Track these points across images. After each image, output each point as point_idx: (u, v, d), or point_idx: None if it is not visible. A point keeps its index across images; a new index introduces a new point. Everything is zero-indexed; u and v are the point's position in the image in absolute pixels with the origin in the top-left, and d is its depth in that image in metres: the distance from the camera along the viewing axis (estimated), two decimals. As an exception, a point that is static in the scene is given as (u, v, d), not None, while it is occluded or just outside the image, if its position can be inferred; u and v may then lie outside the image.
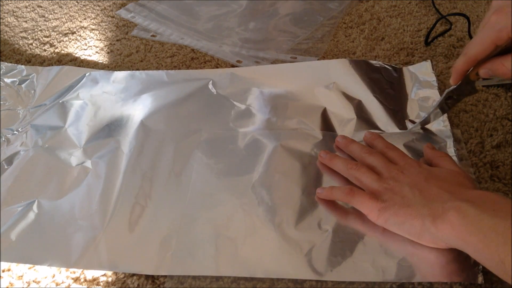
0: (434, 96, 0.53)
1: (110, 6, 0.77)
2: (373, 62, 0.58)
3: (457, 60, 0.42)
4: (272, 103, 0.55)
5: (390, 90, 0.55)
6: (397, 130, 0.50)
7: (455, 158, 0.46)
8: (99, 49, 0.68)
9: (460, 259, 0.38)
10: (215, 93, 0.57)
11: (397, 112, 0.52)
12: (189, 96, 0.57)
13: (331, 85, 0.56)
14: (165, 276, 0.40)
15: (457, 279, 0.37)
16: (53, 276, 0.41)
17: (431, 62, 0.57)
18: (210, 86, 0.58)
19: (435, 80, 0.55)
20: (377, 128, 0.51)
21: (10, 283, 0.41)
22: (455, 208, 0.35)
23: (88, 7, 0.77)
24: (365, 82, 0.55)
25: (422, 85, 0.55)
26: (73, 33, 0.72)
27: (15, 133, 0.55)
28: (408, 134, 0.50)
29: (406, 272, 0.38)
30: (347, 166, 0.44)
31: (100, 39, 0.70)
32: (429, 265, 0.38)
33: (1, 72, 0.63)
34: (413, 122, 0.51)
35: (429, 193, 0.38)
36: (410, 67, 0.58)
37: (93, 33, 0.71)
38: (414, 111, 0.52)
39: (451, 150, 0.47)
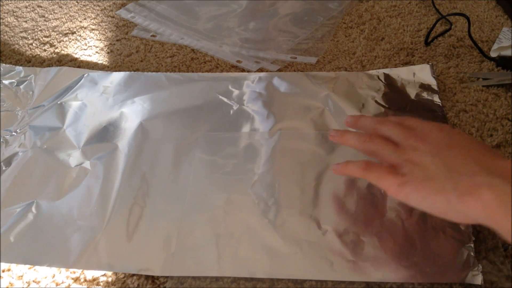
0: (435, 99, 0.53)
1: (110, 6, 0.77)
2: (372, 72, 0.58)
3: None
4: (272, 104, 0.55)
5: (390, 92, 0.55)
6: None
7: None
8: (99, 49, 0.68)
9: (461, 260, 0.38)
10: (214, 94, 0.57)
11: (397, 111, 0.52)
12: (188, 98, 0.57)
13: (331, 87, 0.56)
14: (165, 276, 0.40)
15: (457, 279, 0.37)
16: (53, 276, 0.41)
17: (432, 66, 0.57)
18: (209, 87, 0.58)
19: (436, 84, 0.55)
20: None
21: (10, 283, 0.41)
22: (487, 185, 0.31)
23: (88, 7, 0.77)
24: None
25: (423, 87, 0.55)
26: (73, 33, 0.72)
27: (14, 134, 0.55)
28: None
29: (406, 272, 0.38)
30: (359, 139, 0.40)
31: (100, 39, 0.70)
32: (429, 265, 0.38)
33: None
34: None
35: (453, 164, 0.34)
36: (410, 68, 0.58)
37: (93, 33, 0.71)
38: (414, 112, 0.52)
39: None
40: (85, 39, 0.70)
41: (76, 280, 0.41)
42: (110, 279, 0.41)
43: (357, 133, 0.42)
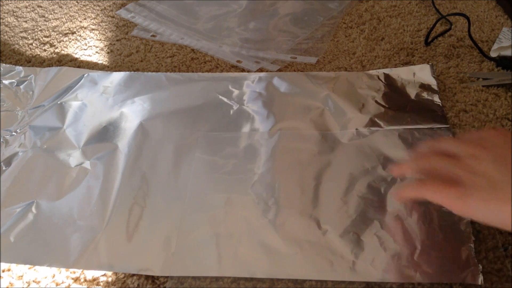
0: (435, 99, 0.53)
1: (110, 6, 0.77)
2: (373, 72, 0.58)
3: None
4: (272, 104, 0.55)
5: (390, 92, 0.55)
6: (396, 126, 0.50)
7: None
8: (99, 49, 0.68)
9: (461, 260, 0.38)
10: (214, 94, 0.57)
11: (397, 111, 0.52)
12: (188, 98, 0.57)
13: (331, 87, 0.56)
14: (165, 276, 0.40)
15: (457, 280, 0.37)
16: (53, 276, 0.41)
17: (432, 66, 0.57)
18: (209, 87, 0.58)
19: (436, 84, 0.55)
20: (376, 124, 0.51)
21: (10, 283, 0.41)
22: None
23: (88, 7, 0.77)
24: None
25: (423, 87, 0.55)
26: (73, 33, 0.72)
27: (14, 134, 0.55)
28: (407, 131, 0.50)
29: (406, 272, 0.38)
30: (416, 160, 0.38)
31: (100, 39, 0.70)
32: (429, 265, 0.38)
33: None
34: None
35: None
36: (410, 68, 0.58)
37: (93, 33, 0.71)
38: (414, 112, 0.52)
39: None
40: (85, 39, 0.70)
41: (76, 280, 0.41)
42: (110, 279, 0.41)
43: (413, 158, 0.39)
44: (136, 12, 0.75)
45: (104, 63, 0.65)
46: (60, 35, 0.71)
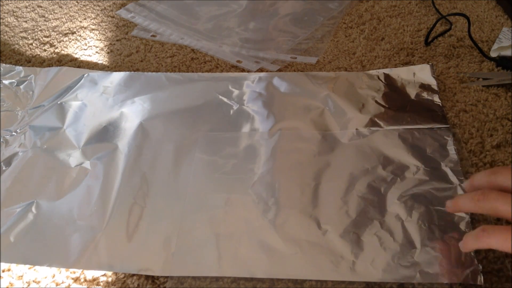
0: (435, 99, 0.53)
1: (110, 6, 0.77)
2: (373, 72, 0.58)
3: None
4: (272, 104, 0.55)
5: (390, 92, 0.55)
6: (396, 126, 0.50)
7: (455, 157, 0.46)
8: (99, 49, 0.68)
9: (461, 260, 0.38)
10: (214, 94, 0.57)
11: (397, 111, 0.52)
12: (188, 98, 0.57)
13: (331, 87, 0.56)
14: (165, 276, 0.40)
15: (457, 279, 0.37)
16: (53, 276, 0.41)
17: (432, 66, 0.57)
18: (209, 87, 0.58)
19: (436, 84, 0.55)
20: (376, 124, 0.51)
21: (10, 283, 0.41)
22: None
23: (88, 7, 0.77)
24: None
25: (423, 87, 0.55)
26: (73, 33, 0.72)
27: (14, 134, 0.55)
28: (407, 131, 0.50)
29: (406, 272, 0.38)
30: (473, 198, 0.34)
31: (100, 39, 0.70)
32: (429, 265, 0.38)
33: None
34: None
35: None
36: (410, 68, 0.58)
37: (93, 33, 0.71)
38: (414, 112, 0.52)
39: (451, 149, 0.47)
40: (85, 39, 0.70)
41: (76, 280, 0.41)
42: (110, 279, 0.41)
43: (469, 194, 0.36)
44: (136, 12, 0.75)
45: (104, 63, 0.65)
46: (60, 35, 0.71)
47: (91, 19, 0.74)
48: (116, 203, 0.46)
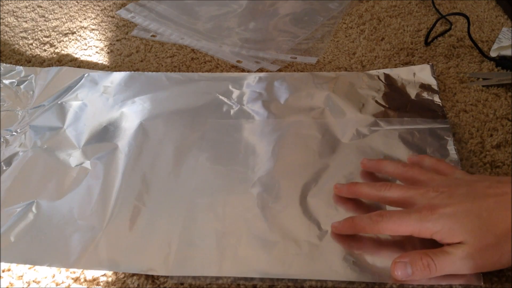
0: (435, 99, 0.53)
1: (110, 6, 0.77)
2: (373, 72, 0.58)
3: (364, 221, 0.39)
4: (272, 104, 0.55)
5: (391, 92, 0.55)
6: (396, 126, 0.50)
7: (455, 157, 0.46)
8: (99, 49, 0.68)
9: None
10: (214, 94, 0.57)
11: (397, 111, 0.52)
12: (188, 98, 0.57)
13: (332, 87, 0.56)
14: (165, 276, 0.40)
15: (457, 280, 0.37)
16: (53, 276, 0.41)
17: (432, 66, 0.57)
18: (209, 87, 0.58)
19: (436, 84, 0.55)
20: (376, 124, 0.51)
21: (10, 283, 0.41)
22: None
23: (88, 7, 0.77)
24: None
25: (423, 88, 0.55)
26: (73, 33, 0.72)
27: (14, 134, 0.55)
28: (407, 131, 0.50)
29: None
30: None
31: (100, 39, 0.70)
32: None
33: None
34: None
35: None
36: (411, 68, 0.58)
37: (93, 33, 0.71)
38: (414, 112, 0.52)
39: (451, 149, 0.47)
40: (85, 39, 0.70)
41: (76, 280, 0.41)
42: (110, 279, 0.41)
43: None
44: (136, 12, 0.75)
45: (104, 63, 0.65)
46: (60, 35, 0.71)
47: (91, 19, 0.74)
48: (116, 203, 0.46)
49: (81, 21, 0.74)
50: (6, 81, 0.62)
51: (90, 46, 0.69)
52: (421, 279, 0.36)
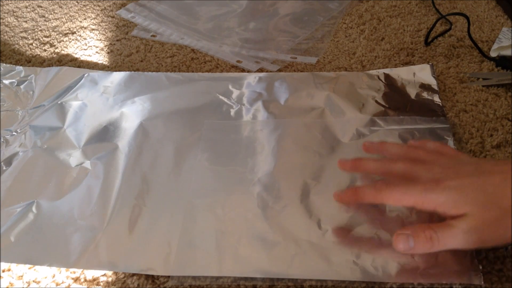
0: (435, 99, 0.53)
1: (110, 6, 0.77)
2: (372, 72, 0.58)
3: (367, 188, 0.40)
4: (272, 104, 0.55)
5: (391, 92, 0.55)
6: (396, 126, 0.50)
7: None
8: (99, 49, 0.68)
9: (461, 260, 0.38)
10: (214, 94, 0.57)
11: (397, 111, 0.52)
12: (188, 98, 0.57)
13: (332, 87, 0.56)
14: (165, 276, 0.40)
15: (457, 280, 0.37)
16: (53, 276, 0.41)
17: (432, 66, 0.57)
18: (209, 87, 0.58)
19: (436, 84, 0.55)
20: (376, 124, 0.51)
21: (10, 283, 0.41)
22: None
23: (88, 7, 0.77)
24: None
25: (423, 87, 0.55)
26: (73, 33, 0.72)
27: (14, 134, 0.55)
28: (407, 131, 0.50)
29: (407, 272, 0.38)
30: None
31: (100, 39, 0.70)
32: (429, 265, 0.38)
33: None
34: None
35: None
36: (411, 68, 0.58)
37: (93, 33, 0.71)
38: (414, 112, 0.52)
39: (451, 150, 0.47)
40: (85, 39, 0.70)
41: (76, 280, 0.41)
42: (110, 279, 0.41)
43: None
44: (136, 12, 0.75)
45: (104, 63, 0.65)
46: (60, 35, 0.71)
47: (91, 19, 0.74)
48: (116, 202, 0.46)
49: (81, 21, 0.74)
50: (6, 81, 0.62)
51: (90, 46, 0.69)
52: (423, 252, 0.36)
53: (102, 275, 0.41)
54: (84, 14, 0.76)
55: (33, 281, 0.41)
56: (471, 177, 0.36)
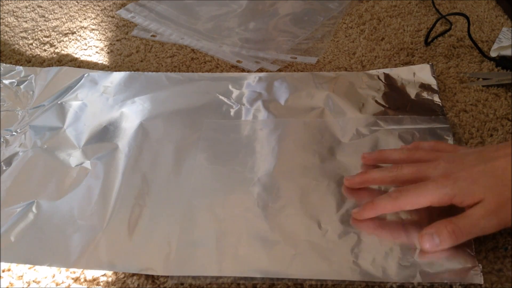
0: (435, 99, 0.53)
1: (110, 6, 0.77)
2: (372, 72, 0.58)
3: (384, 200, 0.40)
4: (272, 104, 0.55)
5: (390, 92, 0.55)
6: (396, 126, 0.50)
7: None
8: (99, 49, 0.68)
9: (461, 260, 0.38)
10: (214, 94, 0.57)
11: (397, 111, 0.52)
12: (188, 98, 0.57)
13: (332, 87, 0.56)
14: (165, 276, 0.40)
15: (457, 279, 0.37)
16: (53, 276, 0.41)
17: (432, 66, 0.57)
18: (209, 87, 0.58)
19: (436, 84, 0.55)
20: (376, 124, 0.51)
21: (10, 283, 0.41)
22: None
23: (88, 7, 0.77)
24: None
25: (423, 87, 0.55)
26: (73, 33, 0.72)
27: (14, 134, 0.55)
28: (407, 131, 0.50)
29: (406, 272, 0.38)
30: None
31: (100, 39, 0.70)
32: (429, 265, 0.38)
33: None
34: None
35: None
36: (411, 68, 0.58)
37: (93, 33, 0.71)
38: (414, 112, 0.52)
39: (451, 150, 0.47)
40: (85, 39, 0.70)
41: (76, 280, 0.41)
42: (110, 279, 0.41)
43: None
44: (136, 12, 0.75)
45: (104, 63, 0.65)
46: (60, 35, 0.71)
47: (91, 19, 0.74)
48: (116, 202, 0.46)
49: (81, 21, 0.74)
50: (6, 81, 0.62)
51: (90, 46, 0.69)
52: (450, 246, 0.37)
53: (102, 275, 0.41)
54: (84, 14, 0.76)
55: (33, 281, 0.41)
56: (478, 165, 0.37)
